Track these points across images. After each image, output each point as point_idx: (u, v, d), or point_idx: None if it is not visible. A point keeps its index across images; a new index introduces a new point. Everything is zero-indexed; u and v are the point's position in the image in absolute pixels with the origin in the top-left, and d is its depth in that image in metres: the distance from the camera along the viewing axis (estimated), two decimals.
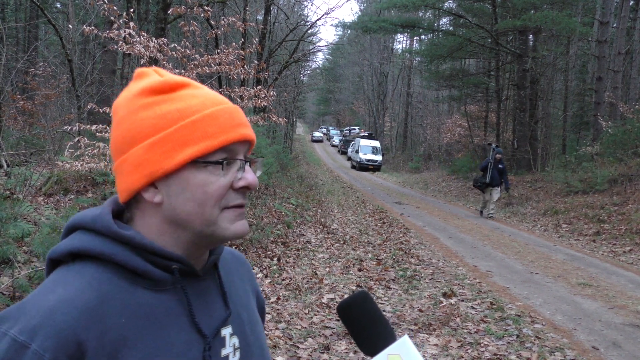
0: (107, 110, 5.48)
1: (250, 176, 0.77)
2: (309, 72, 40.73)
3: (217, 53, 6.19)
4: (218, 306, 0.82)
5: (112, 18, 5.48)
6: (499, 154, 12.53)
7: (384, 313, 5.09)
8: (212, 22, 10.50)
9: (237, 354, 0.82)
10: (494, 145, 13.31)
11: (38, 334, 0.65)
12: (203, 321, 0.78)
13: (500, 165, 12.46)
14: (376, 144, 34.73)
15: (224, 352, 0.79)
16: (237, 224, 0.77)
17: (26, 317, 0.67)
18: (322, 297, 5.44)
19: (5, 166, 7.35)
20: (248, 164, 0.79)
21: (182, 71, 5.80)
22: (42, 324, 0.66)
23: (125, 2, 9.16)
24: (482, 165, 12.88)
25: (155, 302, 0.74)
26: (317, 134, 64.10)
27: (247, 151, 0.80)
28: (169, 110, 0.75)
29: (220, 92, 6.38)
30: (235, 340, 0.82)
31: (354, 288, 5.94)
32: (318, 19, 29.72)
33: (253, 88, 6.82)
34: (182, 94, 0.76)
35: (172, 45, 5.84)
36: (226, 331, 0.81)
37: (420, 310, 5.18)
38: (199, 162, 0.74)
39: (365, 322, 0.84)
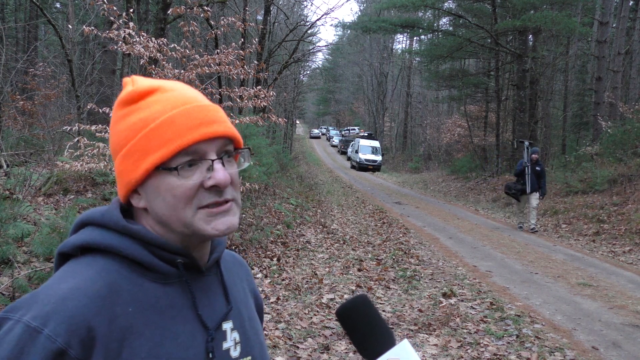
0: (107, 111, 5.47)
1: (218, 174, 0.76)
2: (308, 72, 40.81)
3: (217, 53, 6.19)
4: (220, 301, 0.85)
5: (111, 18, 5.48)
6: (536, 154, 10.64)
7: (384, 313, 5.10)
8: (212, 22, 10.50)
9: (238, 348, 0.84)
10: (527, 143, 11.06)
11: (51, 319, 0.68)
12: (206, 314, 0.81)
13: (537, 168, 10.52)
14: (376, 144, 34.72)
15: (225, 345, 0.82)
16: (215, 223, 0.77)
17: (39, 305, 0.69)
18: (322, 297, 5.44)
19: (5, 166, 7.35)
20: (221, 160, 0.78)
21: (182, 71, 5.80)
22: (55, 310, 0.68)
23: (125, 2, 9.15)
24: (517, 169, 10.81)
25: (161, 294, 0.78)
26: (315, 131, 70.71)
27: (225, 146, 0.79)
28: (135, 120, 0.77)
29: (219, 92, 6.40)
30: (236, 335, 0.85)
31: (353, 288, 5.94)
32: (318, 19, 29.84)
33: (253, 88, 6.82)
34: (149, 100, 0.78)
35: (172, 45, 5.84)
36: (227, 325, 0.84)
37: (420, 311, 5.18)
38: (160, 168, 0.75)
39: (364, 326, 0.83)
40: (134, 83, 0.81)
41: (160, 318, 0.76)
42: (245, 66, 6.50)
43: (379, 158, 33.63)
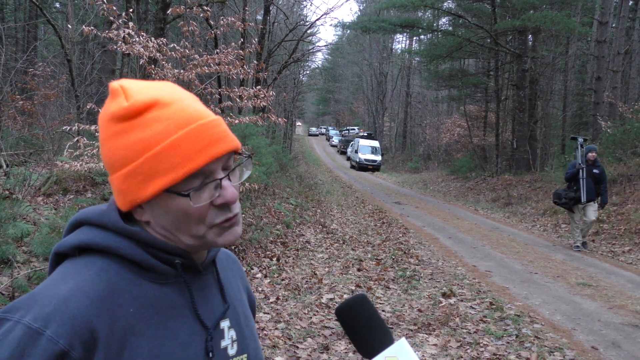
0: None
1: (228, 192, 0.77)
2: (308, 72, 40.77)
3: (217, 53, 6.19)
4: (217, 300, 0.86)
5: (111, 18, 5.48)
6: (593, 152, 8.38)
7: (383, 313, 5.09)
8: (212, 22, 10.51)
9: (235, 345, 0.86)
10: (581, 140, 8.62)
11: (52, 321, 0.67)
12: (204, 314, 0.82)
13: (595, 170, 8.30)
14: (375, 144, 34.73)
15: (223, 343, 0.84)
16: (225, 235, 0.80)
17: (39, 306, 0.69)
18: (322, 297, 5.44)
19: (4, 166, 7.34)
20: (228, 176, 0.78)
21: (182, 71, 5.80)
22: (56, 312, 0.68)
23: (124, 2, 9.16)
24: (569, 172, 8.48)
25: (160, 294, 0.78)
26: (313, 129, 74.74)
27: (229, 160, 0.80)
28: (135, 141, 0.74)
29: (219, 92, 6.39)
30: (233, 333, 0.86)
31: (353, 288, 5.94)
32: (317, 19, 29.86)
33: (252, 88, 6.82)
34: (148, 117, 0.74)
35: (172, 45, 5.84)
36: (224, 324, 0.85)
37: (420, 310, 5.18)
38: (170, 191, 0.75)
39: (363, 325, 0.85)
40: (127, 96, 0.75)
41: (160, 318, 0.76)
42: (244, 66, 6.50)
43: (378, 158, 33.65)
